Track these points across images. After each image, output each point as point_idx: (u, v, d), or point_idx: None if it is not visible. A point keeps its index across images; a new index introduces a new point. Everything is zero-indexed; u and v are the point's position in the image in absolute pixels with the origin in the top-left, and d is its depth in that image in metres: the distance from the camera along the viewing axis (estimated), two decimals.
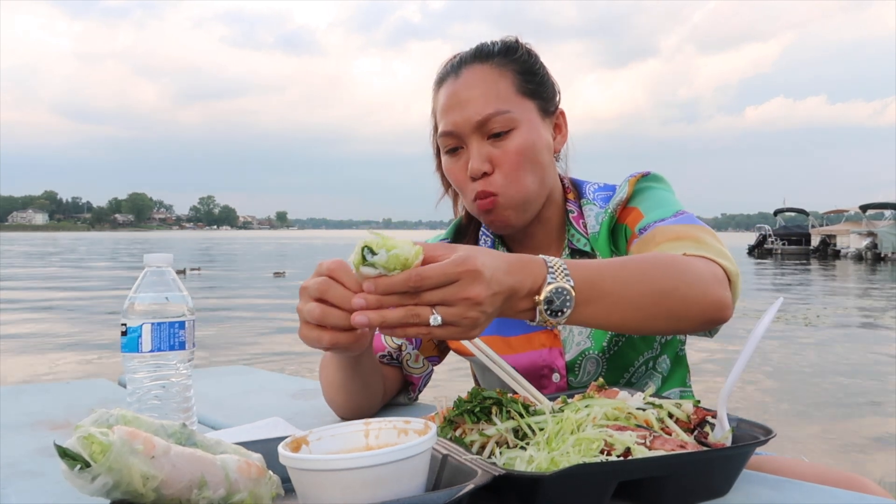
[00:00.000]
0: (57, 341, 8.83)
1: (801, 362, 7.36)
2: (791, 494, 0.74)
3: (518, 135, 1.12)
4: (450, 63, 1.19)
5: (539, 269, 0.79)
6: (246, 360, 7.22)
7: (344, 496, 0.61)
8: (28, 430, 1.09)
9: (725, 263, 0.97)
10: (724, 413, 0.80)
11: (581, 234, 1.20)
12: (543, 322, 0.79)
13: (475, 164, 1.11)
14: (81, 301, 13.78)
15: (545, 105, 1.18)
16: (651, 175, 1.20)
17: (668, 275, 0.89)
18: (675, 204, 1.14)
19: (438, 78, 1.20)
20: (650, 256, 0.94)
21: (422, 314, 0.72)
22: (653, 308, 0.87)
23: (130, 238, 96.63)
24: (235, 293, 15.86)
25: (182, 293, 0.95)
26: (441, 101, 1.17)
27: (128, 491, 0.60)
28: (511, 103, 1.13)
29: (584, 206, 1.23)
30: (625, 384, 1.15)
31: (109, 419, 0.66)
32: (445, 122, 1.14)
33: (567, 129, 1.23)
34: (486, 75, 1.14)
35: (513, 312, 0.79)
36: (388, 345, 1.21)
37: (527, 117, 1.14)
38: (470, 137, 1.12)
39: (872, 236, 32.49)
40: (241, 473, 0.67)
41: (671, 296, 0.88)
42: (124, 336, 0.92)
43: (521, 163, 1.12)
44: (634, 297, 0.85)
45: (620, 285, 0.85)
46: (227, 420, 1.15)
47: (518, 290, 0.77)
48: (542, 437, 0.73)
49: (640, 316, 0.87)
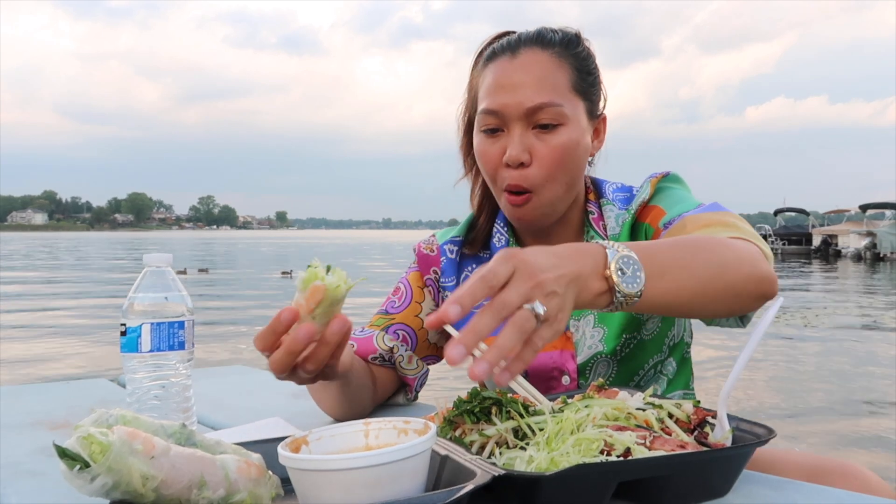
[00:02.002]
0: (56, 341, 8.83)
1: (800, 362, 7.36)
2: (791, 495, 0.74)
3: (564, 132, 1.08)
4: (506, 40, 1.14)
5: (595, 248, 0.75)
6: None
7: (344, 496, 0.61)
8: (28, 430, 1.09)
9: (760, 245, 0.95)
10: (724, 413, 0.80)
11: (600, 236, 1.17)
12: (625, 301, 0.74)
13: (515, 151, 1.07)
14: (81, 301, 13.78)
15: (592, 108, 1.15)
16: (671, 175, 1.17)
17: (719, 251, 0.87)
18: (695, 200, 1.11)
19: (490, 52, 1.14)
20: (695, 236, 0.91)
21: (522, 318, 0.64)
22: (716, 282, 0.84)
23: (130, 238, 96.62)
24: (244, 293, 15.84)
25: (181, 293, 0.95)
26: (490, 78, 1.11)
27: (127, 491, 0.60)
28: (564, 98, 1.09)
29: (603, 206, 1.20)
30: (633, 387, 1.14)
31: (109, 419, 0.66)
32: (493, 100, 1.09)
33: (605, 136, 1.20)
34: (545, 63, 1.10)
35: (590, 298, 0.73)
36: (380, 346, 1.18)
37: (575, 116, 1.10)
38: (515, 122, 1.08)
39: (872, 236, 32.50)
40: (240, 474, 0.67)
41: (729, 269, 0.85)
42: (124, 336, 0.92)
43: (562, 161, 1.08)
44: (697, 271, 0.82)
45: (680, 260, 0.81)
46: (227, 420, 1.15)
47: (582, 272, 0.72)
48: (541, 438, 0.73)
49: (707, 292, 0.83)
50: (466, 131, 1.21)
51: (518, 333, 0.64)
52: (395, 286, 1.27)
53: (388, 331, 1.20)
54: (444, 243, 1.26)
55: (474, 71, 1.18)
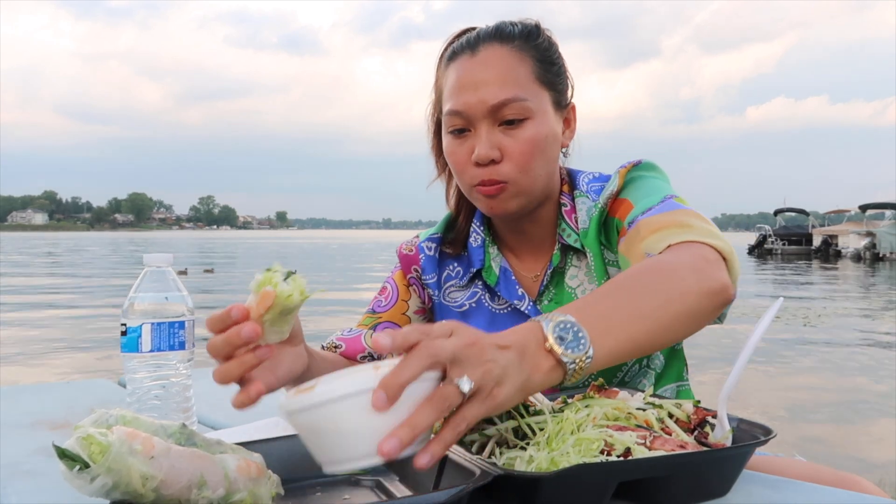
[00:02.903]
0: (56, 341, 8.83)
1: (801, 362, 7.36)
2: (790, 495, 0.74)
3: (532, 125, 1.07)
4: (465, 38, 1.12)
5: (529, 324, 0.70)
6: None
7: (353, 423, 0.58)
8: (27, 430, 1.09)
9: (716, 243, 0.91)
10: (725, 413, 0.80)
11: (572, 230, 1.15)
12: (577, 368, 0.68)
13: (483, 150, 1.06)
14: (81, 301, 13.78)
15: (559, 98, 1.13)
16: (643, 164, 1.14)
17: (662, 280, 0.82)
18: (664, 190, 1.07)
19: (451, 52, 1.13)
20: (632, 272, 0.86)
21: (443, 393, 0.60)
22: (666, 315, 0.79)
23: (130, 238, 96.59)
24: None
25: (182, 293, 0.95)
26: (452, 77, 1.10)
27: (127, 491, 0.60)
28: (528, 91, 1.07)
29: (576, 198, 1.17)
30: (618, 383, 1.13)
31: (109, 419, 0.66)
32: (456, 100, 1.08)
33: (576, 125, 1.18)
34: (506, 58, 1.08)
35: (542, 377, 0.67)
36: (369, 345, 1.16)
37: (541, 108, 1.09)
38: (480, 121, 1.07)
39: (871, 236, 32.51)
40: (240, 473, 0.67)
41: (675, 298, 0.80)
42: (124, 336, 0.92)
43: (532, 154, 1.07)
44: (643, 311, 0.77)
45: (622, 308, 0.77)
46: (227, 420, 1.14)
47: (525, 345, 0.66)
48: (542, 438, 0.73)
49: (660, 327, 0.78)
50: (436, 132, 1.19)
51: (434, 411, 0.59)
52: (382, 286, 1.28)
53: (375, 329, 1.20)
54: (423, 241, 1.26)
55: (438, 71, 1.16)
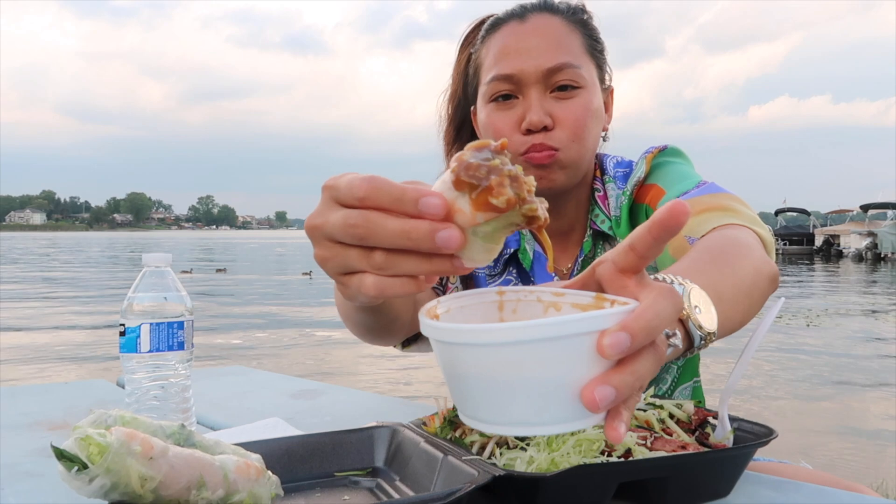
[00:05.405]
0: (56, 341, 8.83)
1: (801, 362, 7.36)
2: (792, 495, 0.74)
3: (584, 94, 1.03)
4: (510, 9, 1.08)
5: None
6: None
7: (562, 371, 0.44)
8: (26, 431, 1.09)
9: (759, 230, 0.90)
10: (726, 413, 0.79)
11: (605, 215, 1.11)
12: (704, 342, 0.62)
13: (536, 116, 1.00)
14: (80, 301, 13.79)
15: (603, 76, 1.10)
16: (668, 149, 1.11)
17: (741, 257, 0.79)
18: (695, 176, 1.04)
19: (493, 22, 1.09)
20: (709, 244, 0.81)
21: (664, 345, 0.48)
22: (745, 293, 0.75)
23: (129, 238, 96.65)
24: (260, 291, 15.87)
25: (181, 293, 0.95)
26: (498, 45, 1.05)
27: (126, 492, 0.60)
28: (581, 60, 1.04)
29: (606, 183, 1.14)
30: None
31: (108, 420, 0.66)
32: (505, 64, 1.03)
33: (612, 111, 1.14)
34: (557, 27, 1.05)
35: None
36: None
37: (592, 79, 1.05)
38: (531, 87, 1.02)
39: (872, 236, 32.50)
40: (239, 474, 0.66)
41: (748, 278, 0.77)
42: (123, 336, 0.91)
43: (585, 124, 1.02)
44: (737, 282, 0.73)
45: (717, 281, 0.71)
46: (227, 420, 1.14)
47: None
48: (542, 438, 0.73)
49: (741, 304, 0.74)
50: (451, 119, 1.17)
51: (657, 361, 0.46)
52: None
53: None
54: None
55: (471, 48, 1.12)
